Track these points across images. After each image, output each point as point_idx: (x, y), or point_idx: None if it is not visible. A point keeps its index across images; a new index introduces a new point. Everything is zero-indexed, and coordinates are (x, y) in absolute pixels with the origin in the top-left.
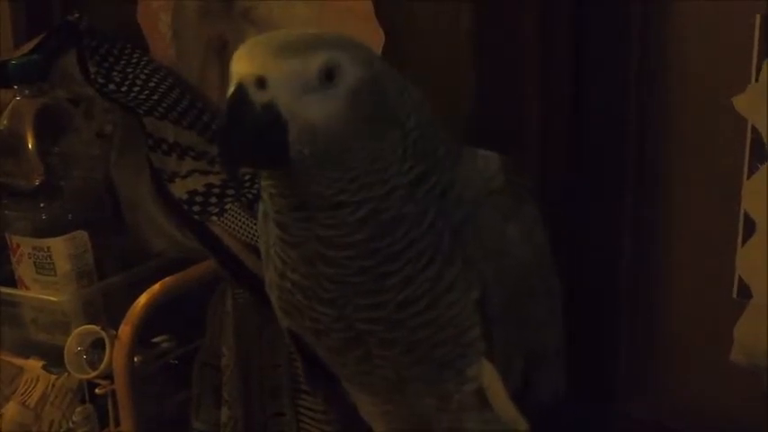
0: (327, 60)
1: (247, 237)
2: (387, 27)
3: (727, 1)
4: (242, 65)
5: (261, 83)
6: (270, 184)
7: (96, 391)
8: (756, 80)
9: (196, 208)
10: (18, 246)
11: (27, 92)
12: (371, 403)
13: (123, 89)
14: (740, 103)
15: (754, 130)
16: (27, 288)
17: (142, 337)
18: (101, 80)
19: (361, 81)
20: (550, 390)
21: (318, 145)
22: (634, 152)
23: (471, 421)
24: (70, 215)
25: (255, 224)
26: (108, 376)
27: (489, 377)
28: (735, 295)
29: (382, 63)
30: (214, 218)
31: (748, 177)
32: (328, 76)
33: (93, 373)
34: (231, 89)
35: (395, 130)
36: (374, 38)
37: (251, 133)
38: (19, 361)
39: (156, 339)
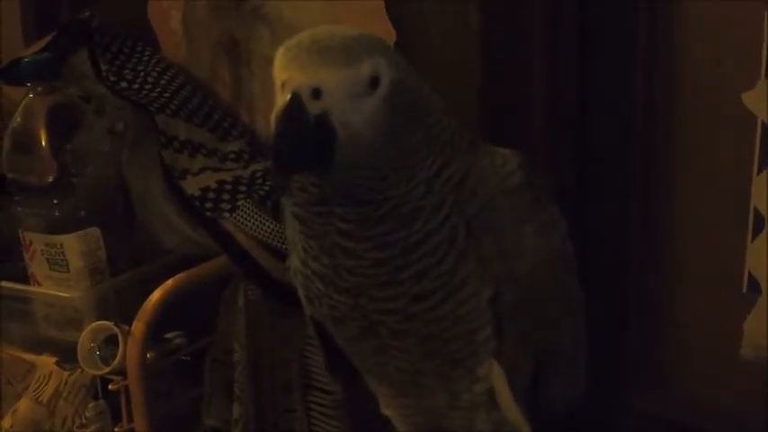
0: (374, 68)
1: (259, 233)
2: (394, 26)
3: None
4: (295, 72)
5: (316, 93)
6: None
7: (109, 387)
8: (766, 76)
9: (208, 205)
10: (31, 242)
11: (39, 89)
12: (390, 396)
13: (135, 87)
14: (750, 99)
15: (763, 125)
16: (39, 284)
17: (154, 334)
18: (112, 78)
19: (394, 84)
20: (564, 397)
21: (361, 150)
22: (642, 148)
23: (481, 421)
24: (83, 212)
25: (268, 221)
26: (121, 372)
27: (496, 378)
28: (744, 291)
29: (405, 62)
30: (226, 214)
31: (758, 173)
32: (373, 83)
33: (106, 369)
34: (285, 98)
35: (420, 128)
36: (385, 36)
37: (305, 143)
38: (31, 357)
39: (168, 335)
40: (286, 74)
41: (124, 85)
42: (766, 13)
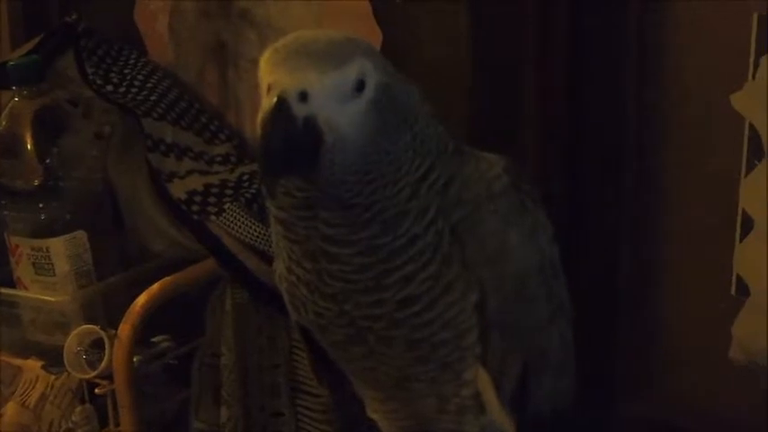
0: (360, 71)
1: (246, 236)
2: (383, 27)
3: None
4: (282, 75)
5: (303, 96)
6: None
7: (96, 390)
8: (754, 78)
9: (195, 208)
10: (17, 246)
11: (25, 93)
12: (377, 400)
13: (121, 90)
14: (738, 100)
15: (751, 127)
16: (26, 288)
17: (141, 337)
18: (99, 81)
19: (380, 87)
20: (552, 400)
21: (348, 153)
22: (632, 151)
23: (469, 425)
24: (69, 216)
25: (254, 224)
26: (108, 376)
27: (483, 382)
28: (733, 293)
29: (391, 65)
30: (213, 217)
31: (746, 175)
32: (359, 86)
33: (93, 373)
34: (272, 100)
35: (406, 132)
36: (372, 38)
37: (292, 146)
38: (18, 361)
39: (155, 339)
40: (272, 77)
41: (110, 88)
42: (754, 15)
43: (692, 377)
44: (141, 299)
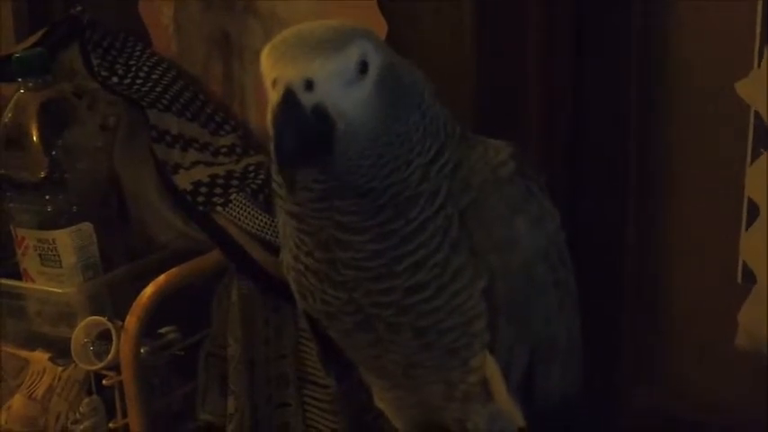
0: (361, 53)
1: (252, 227)
2: (387, 21)
3: None
4: (285, 68)
5: (308, 85)
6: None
7: (103, 382)
8: (759, 66)
9: (200, 199)
10: (23, 238)
11: (31, 85)
12: (384, 388)
13: (126, 81)
14: (743, 88)
15: (756, 115)
16: (32, 280)
17: (148, 329)
18: (104, 73)
19: (384, 67)
20: (560, 388)
21: (359, 138)
22: (637, 139)
23: (476, 413)
24: (75, 207)
25: (260, 214)
26: (115, 367)
27: (490, 370)
28: (739, 280)
29: (390, 48)
30: (219, 208)
31: (751, 163)
32: (362, 68)
33: (100, 365)
34: (278, 94)
35: (414, 111)
36: (377, 30)
37: (304, 136)
38: (25, 353)
39: (162, 330)
40: (276, 71)
41: (116, 80)
42: (759, 3)
43: (697, 365)
44: (148, 290)
